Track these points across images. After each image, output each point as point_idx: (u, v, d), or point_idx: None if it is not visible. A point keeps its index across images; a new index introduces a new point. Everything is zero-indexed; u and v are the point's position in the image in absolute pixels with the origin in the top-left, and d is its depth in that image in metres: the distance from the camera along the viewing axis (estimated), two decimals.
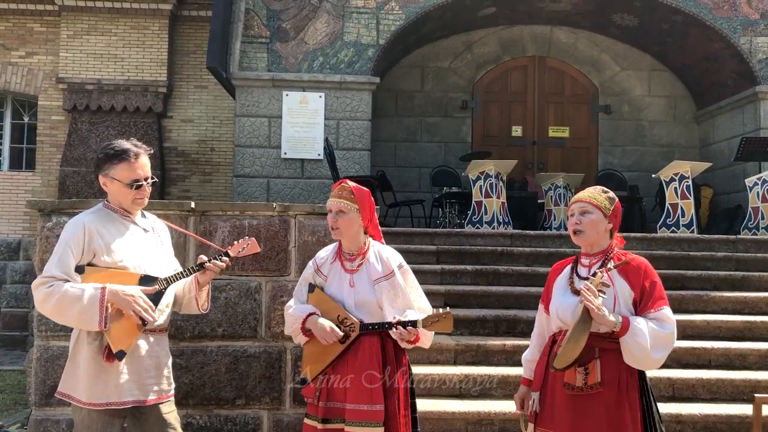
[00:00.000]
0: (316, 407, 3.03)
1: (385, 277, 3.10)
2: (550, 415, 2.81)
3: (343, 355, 3.03)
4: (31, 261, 10.17)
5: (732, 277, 6.47)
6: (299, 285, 3.24)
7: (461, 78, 10.72)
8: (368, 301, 3.08)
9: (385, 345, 3.06)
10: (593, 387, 2.70)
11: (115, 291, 2.82)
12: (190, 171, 10.78)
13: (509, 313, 5.65)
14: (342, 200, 3.11)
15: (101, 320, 2.79)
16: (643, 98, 10.85)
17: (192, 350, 4.06)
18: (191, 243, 4.05)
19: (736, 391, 4.83)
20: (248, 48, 9.14)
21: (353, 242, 3.16)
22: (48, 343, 3.96)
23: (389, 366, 3.04)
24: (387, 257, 3.17)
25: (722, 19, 9.36)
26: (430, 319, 3.00)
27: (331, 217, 3.12)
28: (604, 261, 2.86)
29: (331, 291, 3.12)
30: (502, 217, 8.09)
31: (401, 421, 3.01)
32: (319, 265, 3.19)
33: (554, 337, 2.91)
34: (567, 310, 2.83)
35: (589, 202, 2.89)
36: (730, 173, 9.85)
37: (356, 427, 2.92)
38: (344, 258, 3.16)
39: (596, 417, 2.72)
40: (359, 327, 3.03)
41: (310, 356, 3.09)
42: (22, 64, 10.62)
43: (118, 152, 2.94)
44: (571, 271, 2.93)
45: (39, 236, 3.98)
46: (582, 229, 2.87)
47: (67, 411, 3.76)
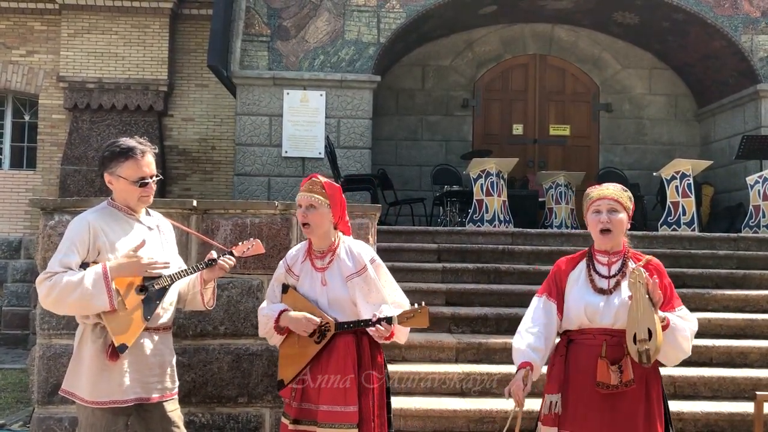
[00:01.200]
0: (290, 407, 3.00)
1: (357, 273, 3.03)
2: (578, 416, 2.77)
3: (318, 355, 2.98)
4: (32, 260, 10.17)
5: (733, 275, 6.47)
6: (271, 286, 3.20)
7: (462, 76, 10.72)
8: (341, 298, 3.03)
9: (360, 344, 3.01)
10: (628, 384, 2.70)
11: (116, 265, 2.82)
12: (191, 169, 10.78)
13: (511, 311, 5.65)
14: (313, 195, 3.04)
15: (111, 298, 2.77)
16: (644, 96, 10.85)
17: (194, 348, 4.07)
18: (193, 241, 4.05)
19: (737, 389, 4.83)
20: (249, 46, 9.14)
21: (324, 239, 3.08)
22: (50, 341, 3.96)
23: (364, 365, 2.98)
24: (358, 252, 3.09)
25: (723, 17, 9.35)
26: (405, 315, 2.96)
27: (301, 213, 3.04)
28: (624, 260, 2.84)
29: (304, 290, 3.07)
30: (503, 216, 8.09)
31: (376, 422, 2.95)
32: (290, 265, 3.14)
33: (569, 336, 2.87)
34: (596, 309, 2.79)
35: (617, 201, 2.83)
36: (732, 171, 9.85)
37: (329, 429, 2.87)
38: (314, 256, 3.09)
39: (630, 413, 2.71)
40: (335, 326, 2.97)
41: (286, 358, 3.05)
42: (23, 62, 10.62)
43: (125, 150, 2.95)
44: (588, 270, 2.88)
45: (41, 235, 3.98)
46: (611, 228, 2.81)
47: (69, 409, 3.76)
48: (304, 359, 2.99)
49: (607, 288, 2.82)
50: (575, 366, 2.81)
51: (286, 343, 3.06)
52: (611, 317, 2.78)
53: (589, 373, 2.74)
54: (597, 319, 2.80)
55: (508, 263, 6.59)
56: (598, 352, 2.75)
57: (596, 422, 2.73)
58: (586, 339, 2.81)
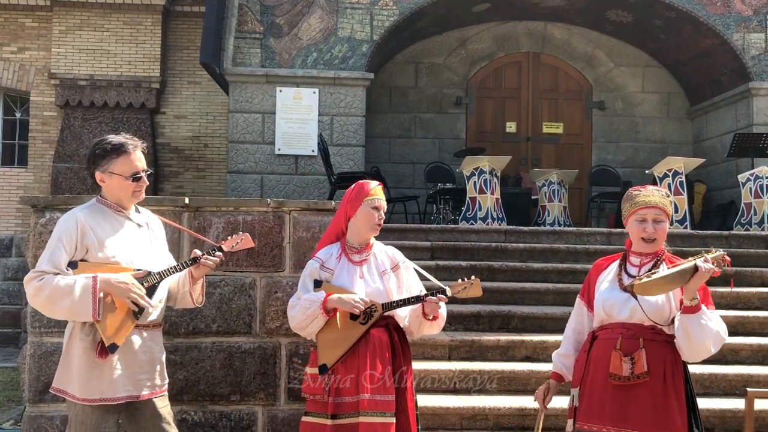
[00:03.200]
0: (325, 404, 3.00)
1: (392, 269, 3.18)
2: (592, 409, 2.79)
3: (354, 348, 3.03)
4: (23, 258, 10.12)
5: (725, 272, 6.49)
6: (303, 281, 3.21)
7: (455, 74, 10.72)
8: (378, 290, 3.11)
9: (392, 337, 3.10)
10: (640, 376, 2.70)
11: (107, 279, 2.80)
12: (184, 167, 10.75)
13: (503, 308, 5.66)
14: (382, 198, 3.23)
15: (95, 310, 2.77)
16: (637, 94, 10.88)
17: (186, 346, 4.05)
18: (185, 238, 4.04)
19: (728, 386, 4.86)
20: (242, 44, 9.12)
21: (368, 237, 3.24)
22: (41, 339, 3.94)
23: (397, 358, 3.08)
24: (392, 253, 3.26)
25: (716, 15, 9.38)
26: (459, 287, 3.08)
27: (379, 215, 3.20)
28: (656, 262, 2.86)
29: (340, 283, 3.12)
30: (496, 213, 8.10)
31: (410, 413, 3.06)
32: (323, 261, 3.19)
33: (594, 333, 2.90)
34: (615, 304, 2.82)
35: (663, 210, 2.88)
36: (724, 169, 9.89)
37: (372, 417, 2.93)
38: (351, 251, 3.19)
39: (643, 406, 2.71)
40: (381, 306, 3.05)
41: (328, 342, 3.05)
42: (14, 59, 10.56)
43: (116, 146, 2.93)
44: (620, 269, 2.91)
45: (32, 232, 3.96)
46: (656, 238, 2.86)
47: (61, 407, 3.74)
48: (349, 341, 3.03)
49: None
50: (594, 361, 2.84)
51: (325, 329, 3.07)
52: (628, 311, 2.79)
53: (604, 365, 2.77)
54: (614, 314, 2.82)
55: (501, 261, 6.60)
56: (613, 345, 2.77)
57: (608, 414, 2.74)
58: (605, 334, 2.85)
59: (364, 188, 3.20)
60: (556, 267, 6.48)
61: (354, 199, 3.20)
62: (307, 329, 3.11)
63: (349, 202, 3.21)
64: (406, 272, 3.21)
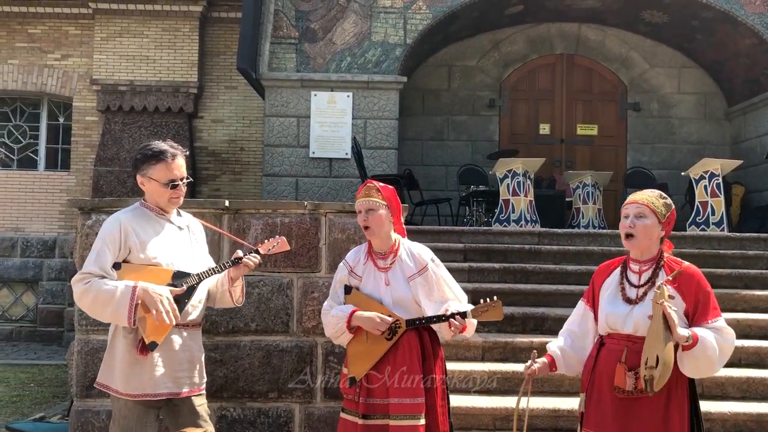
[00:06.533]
0: (357, 403, 3.07)
1: (418, 273, 3.14)
2: (598, 418, 2.80)
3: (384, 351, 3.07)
4: (66, 258, 10.41)
5: (763, 275, 6.41)
6: (333, 288, 3.27)
7: (488, 76, 10.73)
8: (405, 298, 3.12)
9: (422, 340, 3.11)
10: (642, 391, 2.67)
11: (145, 288, 2.91)
12: (221, 170, 10.94)
13: (537, 310, 5.67)
14: (371, 199, 3.14)
15: (130, 317, 2.89)
16: (673, 95, 10.75)
17: (226, 344, 4.17)
18: (225, 240, 4.15)
19: (766, 390, 4.80)
20: (277, 49, 9.26)
21: (385, 240, 3.19)
22: (88, 336, 4.09)
23: (428, 360, 3.09)
24: (418, 253, 3.21)
25: (754, 14, 9.24)
26: (480, 309, 3.05)
27: (362, 217, 3.14)
28: (656, 269, 2.78)
29: (368, 291, 3.16)
30: (529, 216, 8.09)
31: (439, 411, 3.08)
32: (352, 267, 3.22)
33: (602, 339, 2.88)
34: (618, 319, 2.78)
35: (645, 206, 2.78)
36: (763, 171, 9.72)
37: (400, 420, 2.97)
38: (376, 257, 3.19)
39: (645, 420, 2.71)
40: (405, 323, 3.06)
41: (356, 355, 3.12)
42: (58, 66, 10.88)
43: (156, 153, 3.05)
44: (621, 277, 2.85)
45: (79, 234, 4.11)
46: (634, 234, 2.77)
47: (106, 402, 3.88)
48: (375, 356, 3.07)
49: (635, 298, 2.78)
50: (600, 369, 2.83)
51: (354, 342, 3.13)
52: (632, 326, 2.76)
53: (610, 376, 2.75)
54: (618, 327, 2.80)
55: (535, 263, 6.60)
56: (619, 357, 2.75)
57: (612, 425, 2.75)
58: (611, 343, 2.83)
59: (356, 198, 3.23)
60: (590, 269, 6.39)
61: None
62: (338, 340, 3.22)
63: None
64: (435, 273, 3.17)
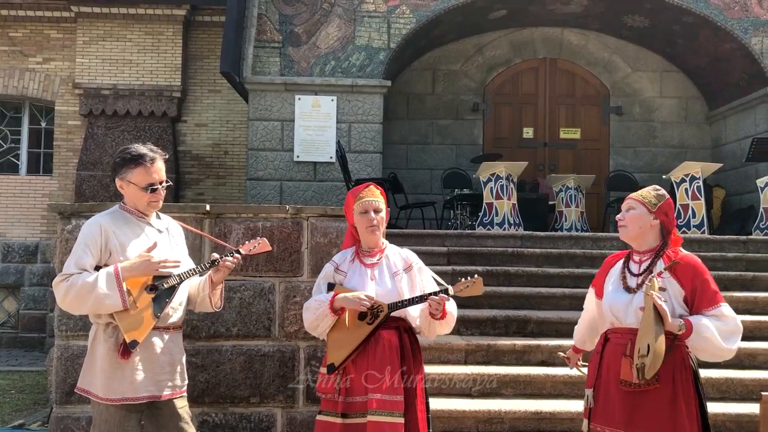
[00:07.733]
0: (336, 403, 3.07)
1: (404, 270, 3.19)
2: (606, 412, 2.85)
3: (363, 349, 3.07)
4: (48, 264, 10.32)
5: (742, 277, 6.49)
6: (317, 285, 3.28)
7: (472, 80, 10.78)
8: (389, 292, 3.14)
9: (402, 339, 3.13)
10: (649, 383, 2.72)
11: (128, 266, 2.91)
12: (204, 174, 10.90)
13: (520, 313, 5.71)
14: (377, 199, 3.20)
15: (123, 298, 2.87)
16: (655, 99, 10.86)
17: (207, 349, 4.15)
18: (207, 244, 4.14)
19: (745, 390, 4.86)
20: (261, 52, 9.26)
21: (380, 239, 3.24)
22: (68, 342, 4.06)
23: (407, 359, 3.10)
24: (405, 255, 3.28)
25: (733, 20, 9.36)
26: (461, 285, 3.09)
27: (369, 217, 3.16)
28: (654, 259, 2.90)
29: (352, 285, 3.17)
30: (512, 219, 8.13)
31: (419, 411, 3.08)
32: (338, 264, 3.26)
33: (606, 334, 2.95)
34: (620, 307, 2.87)
35: (635, 199, 3.01)
36: (743, 174, 9.84)
37: (380, 416, 2.97)
38: (363, 255, 3.23)
39: (652, 413, 2.75)
40: (387, 306, 3.07)
41: (336, 342, 3.11)
42: (40, 70, 10.79)
43: (135, 156, 3.04)
44: (623, 267, 2.99)
45: (59, 238, 4.09)
46: (624, 224, 2.99)
47: (86, 408, 3.86)
48: (355, 341, 3.07)
49: (635, 286, 2.88)
50: (606, 363, 2.90)
51: (335, 329, 3.13)
52: (634, 317, 2.82)
53: (615, 370, 2.81)
54: (622, 319, 2.87)
55: (518, 266, 6.64)
56: (624, 351, 2.81)
57: (619, 418, 2.79)
58: (616, 338, 2.90)
59: (352, 197, 3.25)
60: (573, 272, 6.50)
61: (348, 208, 3.28)
62: (318, 329, 3.18)
63: (347, 211, 3.30)
64: (419, 273, 3.22)
